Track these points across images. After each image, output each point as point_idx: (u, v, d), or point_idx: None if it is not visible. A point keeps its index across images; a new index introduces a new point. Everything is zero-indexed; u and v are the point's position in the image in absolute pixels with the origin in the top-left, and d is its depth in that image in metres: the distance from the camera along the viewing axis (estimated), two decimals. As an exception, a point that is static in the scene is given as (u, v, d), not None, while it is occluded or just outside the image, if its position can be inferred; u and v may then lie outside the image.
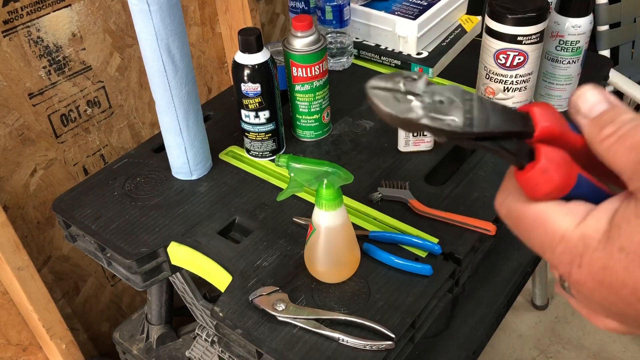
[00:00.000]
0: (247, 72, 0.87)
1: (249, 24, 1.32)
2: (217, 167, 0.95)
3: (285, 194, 0.76)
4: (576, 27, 0.95)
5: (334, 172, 0.70)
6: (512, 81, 0.94)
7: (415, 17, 1.13)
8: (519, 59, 0.92)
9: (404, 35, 1.13)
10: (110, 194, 0.91)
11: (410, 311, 0.72)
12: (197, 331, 1.08)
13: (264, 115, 0.91)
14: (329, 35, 1.13)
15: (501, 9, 0.89)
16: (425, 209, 0.84)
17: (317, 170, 0.70)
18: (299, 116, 0.98)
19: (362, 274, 0.77)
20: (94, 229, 0.85)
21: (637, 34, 1.77)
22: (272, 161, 0.95)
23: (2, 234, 0.99)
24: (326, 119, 0.99)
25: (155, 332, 1.15)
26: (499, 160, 0.62)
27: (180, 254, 0.82)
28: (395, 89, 0.30)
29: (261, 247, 0.81)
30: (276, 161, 0.73)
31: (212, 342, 1.06)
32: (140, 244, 0.82)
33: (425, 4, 1.17)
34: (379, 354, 0.68)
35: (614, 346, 1.65)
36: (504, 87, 0.95)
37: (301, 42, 0.90)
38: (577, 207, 0.31)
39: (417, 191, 0.88)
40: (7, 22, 0.98)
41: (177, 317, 1.19)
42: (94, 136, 1.19)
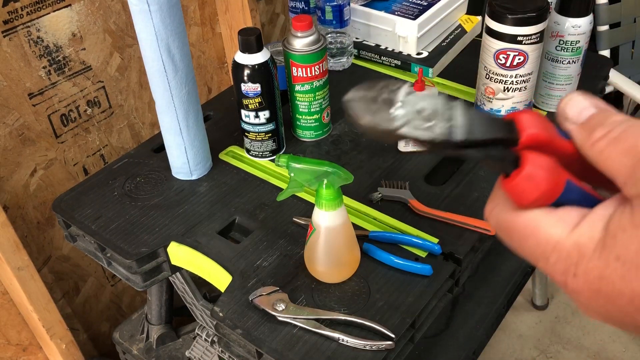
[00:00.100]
0: (247, 72, 0.87)
1: (249, 24, 1.32)
2: (217, 167, 0.95)
3: (285, 194, 0.76)
4: (576, 27, 0.95)
5: (334, 172, 0.70)
6: (512, 81, 0.94)
7: (415, 17, 1.13)
8: (519, 59, 0.92)
9: (404, 35, 1.13)
10: (110, 194, 0.91)
11: (410, 311, 0.72)
12: (197, 331, 1.08)
13: (264, 115, 0.91)
14: (329, 35, 1.13)
15: (501, 9, 0.89)
16: (425, 209, 0.84)
17: (317, 170, 0.70)
18: (299, 116, 0.98)
19: (362, 274, 0.77)
20: (94, 229, 0.85)
21: (637, 34, 1.77)
22: (272, 161, 0.95)
23: (2, 234, 0.99)
24: (326, 119, 0.99)
25: (155, 332, 1.15)
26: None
27: (180, 254, 0.82)
28: (373, 99, 0.29)
29: (261, 247, 0.81)
30: (276, 161, 0.73)
31: (212, 342, 1.06)
32: (140, 244, 0.82)
33: (425, 4, 1.17)
34: (379, 354, 0.68)
35: (614, 346, 1.64)
36: (504, 87, 0.95)
37: (301, 42, 0.90)
38: (568, 213, 0.30)
39: (417, 191, 0.88)
40: (7, 22, 0.98)
41: (177, 317, 1.19)
42: (94, 136, 1.19)
